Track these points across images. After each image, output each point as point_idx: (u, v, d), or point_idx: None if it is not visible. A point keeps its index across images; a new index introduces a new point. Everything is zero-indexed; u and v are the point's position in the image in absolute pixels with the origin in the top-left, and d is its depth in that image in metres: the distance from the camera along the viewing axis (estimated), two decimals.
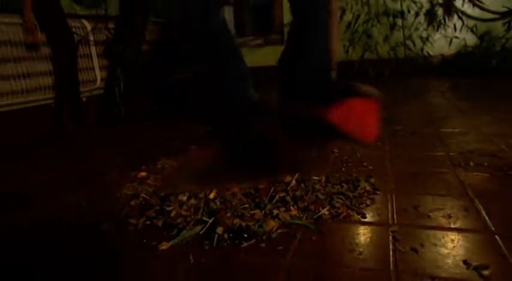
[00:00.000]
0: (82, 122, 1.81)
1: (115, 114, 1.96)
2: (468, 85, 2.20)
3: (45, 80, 1.72)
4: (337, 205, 0.68)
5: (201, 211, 0.68)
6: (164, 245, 0.61)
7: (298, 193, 0.72)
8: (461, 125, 1.26)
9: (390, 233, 0.60)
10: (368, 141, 0.74)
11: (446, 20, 2.87)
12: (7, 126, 1.56)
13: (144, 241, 0.63)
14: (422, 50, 2.92)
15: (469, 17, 2.82)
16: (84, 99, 1.93)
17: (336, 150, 1.07)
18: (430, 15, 2.90)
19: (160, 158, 1.10)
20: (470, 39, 2.82)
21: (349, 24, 2.95)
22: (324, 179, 0.80)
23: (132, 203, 0.78)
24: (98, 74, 2.04)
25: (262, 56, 3.05)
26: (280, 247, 0.58)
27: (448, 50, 2.90)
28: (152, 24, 2.22)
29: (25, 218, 0.77)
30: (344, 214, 0.66)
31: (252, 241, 0.60)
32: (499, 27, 2.74)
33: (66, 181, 1.02)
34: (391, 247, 0.56)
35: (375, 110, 0.73)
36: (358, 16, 2.84)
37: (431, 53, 2.93)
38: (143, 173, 0.97)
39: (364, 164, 0.93)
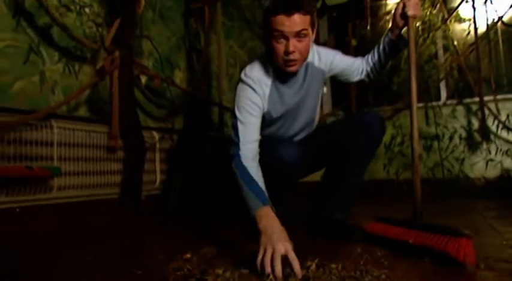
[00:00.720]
0: (141, 216, 2.04)
1: (171, 211, 2.20)
2: (509, 207, 2.21)
3: (115, 178, 2.03)
4: None
5: None
6: None
7: (316, 274, 0.84)
8: (485, 236, 1.32)
9: None
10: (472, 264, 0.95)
11: (484, 144, 3.02)
12: (77, 215, 1.82)
13: None
14: (462, 171, 3.01)
15: (510, 142, 2.95)
16: (143, 197, 2.20)
17: (359, 249, 1.17)
18: (468, 140, 3.07)
19: (204, 247, 1.27)
20: (509, 163, 2.89)
21: (389, 144, 3.18)
22: (340, 266, 0.91)
23: (178, 273, 0.93)
24: (158, 176, 2.35)
25: None
26: None
27: (489, 173, 2.96)
28: (208, 138, 2.59)
29: None
30: None
31: None
32: None
33: (124, 257, 1.20)
34: None
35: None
36: (393, 137, 3.08)
37: (471, 175, 3.00)
38: (188, 255, 1.13)
39: (382, 260, 1.02)
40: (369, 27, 3.40)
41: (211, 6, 2.61)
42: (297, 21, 1.24)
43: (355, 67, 1.56)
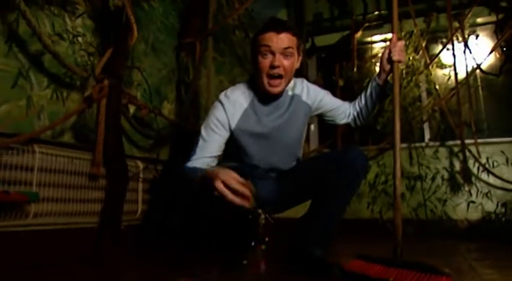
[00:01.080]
0: (119, 247, 1.98)
1: (150, 243, 2.14)
2: (491, 250, 2.22)
3: (96, 206, 1.99)
4: None
5: None
6: None
7: None
8: (465, 277, 1.31)
9: None
10: None
11: (466, 186, 3.06)
12: (54, 243, 1.76)
13: None
14: (445, 213, 3.03)
15: (491, 185, 3.01)
16: (123, 227, 2.15)
17: None
18: (450, 181, 3.12)
19: (179, 279, 1.23)
20: (491, 206, 2.93)
21: (373, 183, 3.21)
22: None
23: None
24: (140, 207, 2.31)
25: None
26: None
27: (471, 215, 2.99)
28: None
29: None
30: None
31: None
32: None
33: None
34: None
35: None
36: (377, 176, 3.11)
37: (454, 216, 3.02)
38: None
39: None
40: (355, 69, 3.53)
41: (202, 41, 2.69)
42: (285, 39, 1.33)
43: (342, 110, 1.61)
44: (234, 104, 1.44)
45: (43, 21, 1.81)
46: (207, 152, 1.42)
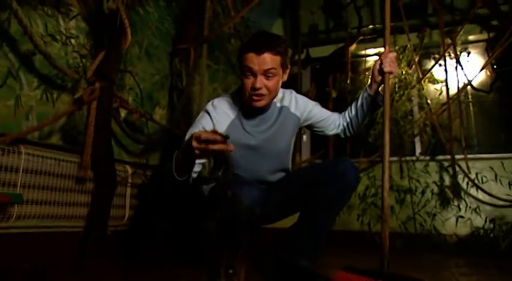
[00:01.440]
0: (104, 252, 1.94)
1: (136, 249, 2.11)
2: (479, 265, 2.22)
3: (82, 210, 1.95)
4: None
5: None
6: None
7: None
8: None
9: None
10: None
11: (455, 201, 3.07)
12: (36, 247, 1.73)
13: None
14: (434, 227, 3.03)
15: (480, 201, 3.02)
16: (109, 232, 2.11)
17: None
18: (439, 196, 3.13)
19: None
20: (480, 221, 2.94)
21: (364, 195, 3.21)
22: None
23: None
24: (127, 212, 2.27)
25: None
26: None
27: (460, 230, 2.99)
28: None
29: None
30: None
31: None
32: (510, 212, 2.89)
33: None
34: None
35: None
36: (367, 188, 3.12)
37: (443, 231, 3.02)
38: None
39: None
40: (349, 81, 3.56)
41: (197, 48, 2.69)
42: (266, 60, 1.30)
43: (332, 120, 1.59)
44: (220, 114, 1.42)
45: (35, 21, 1.80)
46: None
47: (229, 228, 1.28)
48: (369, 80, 1.53)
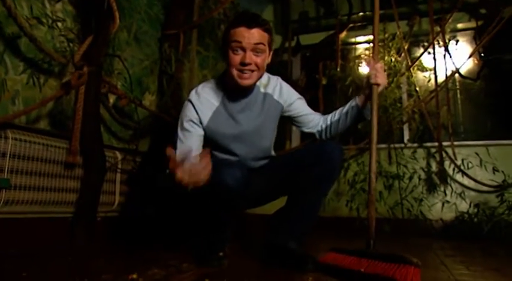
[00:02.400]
0: (94, 238, 1.94)
1: (126, 235, 2.12)
2: (463, 248, 2.28)
3: (71, 196, 1.95)
4: None
5: None
6: None
7: None
8: (435, 271, 1.35)
9: None
10: None
11: (442, 186, 3.14)
12: (24, 232, 1.72)
13: None
14: (421, 212, 3.09)
15: (465, 186, 3.09)
16: (99, 218, 2.11)
17: (311, 278, 1.16)
18: (426, 181, 3.19)
19: (153, 268, 1.22)
20: (464, 206, 3.01)
21: (353, 182, 3.25)
22: None
23: None
24: (117, 198, 2.27)
25: None
26: None
27: (445, 215, 3.06)
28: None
29: None
30: None
31: None
32: (494, 198, 2.97)
33: (63, 275, 1.13)
34: None
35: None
36: (356, 174, 3.16)
37: (430, 216, 3.09)
38: (134, 276, 1.08)
39: None
40: (338, 69, 3.56)
41: (186, 33, 2.67)
42: (256, 35, 1.31)
43: (311, 118, 1.58)
44: (204, 103, 1.43)
45: (20, 4, 1.76)
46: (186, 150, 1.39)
47: (214, 210, 1.30)
48: (360, 70, 1.53)
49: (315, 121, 1.58)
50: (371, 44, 3.59)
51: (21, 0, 1.77)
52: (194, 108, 1.42)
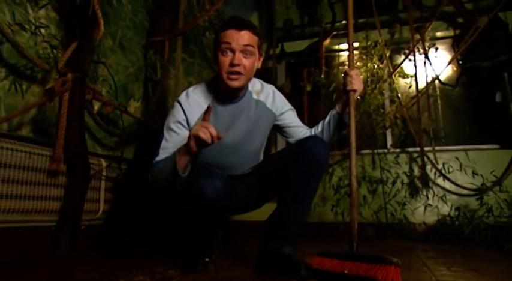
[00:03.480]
0: (77, 247, 1.91)
1: (110, 243, 2.09)
2: (445, 250, 2.33)
3: (54, 204, 1.92)
4: None
5: None
6: None
7: None
8: (417, 272, 1.38)
9: None
10: None
11: (424, 190, 3.21)
12: (6, 241, 1.68)
13: None
14: (404, 216, 3.15)
15: (446, 190, 3.16)
16: (83, 227, 2.08)
17: None
18: (409, 185, 3.25)
19: (137, 275, 1.21)
20: (446, 209, 3.08)
21: (338, 186, 3.28)
22: None
23: None
24: (102, 206, 2.25)
25: None
26: None
27: (428, 218, 3.12)
28: None
29: None
30: None
31: None
32: (474, 201, 3.05)
33: None
34: None
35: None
36: (340, 179, 3.20)
37: (413, 220, 3.15)
38: None
39: None
40: (323, 75, 3.62)
41: (171, 40, 2.68)
42: (245, 36, 1.33)
43: (300, 131, 1.59)
44: (193, 105, 1.43)
45: (2, 10, 1.74)
46: (171, 152, 1.38)
47: (198, 218, 1.30)
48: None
49: (302, 134, 1.59)
50: (354, 52, 3.67)
51: (4, 6, 1.75)
52: (182, 109, 1.42)
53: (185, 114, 1.42)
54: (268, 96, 1.54)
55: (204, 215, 1.34)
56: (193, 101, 1.44)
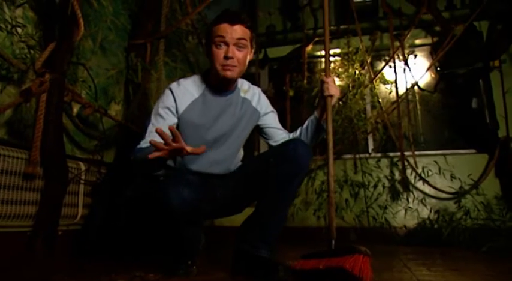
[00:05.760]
0: (54, 253, 1.85)
1: (88, 249, 2.03)
2: (425, 252, 2.36)
3: (29, 209, 1.85)
4: None
5: None
6: None
7: None
8: (399, 272, 1.39)
9: None
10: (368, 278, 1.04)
11: (404, 194, 3.26)
12: None
13: None
14: (385, 220, 3.19)
15: (426, 194, 3.22)
16: (60, 232, 2.02)
17: None
18: (390, 189, 3.30)
19: (117, 279, 1.18)
20: (426, 212, 3.13)
21: (320, 190, 3.30)
22: None
23: None
24: (80, 211, 2.18)
25: None
26: None
27: (408, 222, 3.17)
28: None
29: None
30: None
31: None
32: (452, 204, 3.12)
33: None
34: None
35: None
36: (323, 183, 3.22)
37: (394, 223, 3.19)
38: None
39: None
40: (305, 81, 3.66)
41: (153, 43, 2.65)
42: (238, 30, 1.36)
43: (280, 133, 1.61)
44: (183, 92, 1.45)
45: None
46: (156, 136, 1.36)
47: (175, 223, 1.29)
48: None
49: (281, 137, 1.61)
50: (335, 58, 3.73)
51: None
52: (173, 95, 1.43)
53: (175, 101, 1.43)
54: (254, 96, 1.58)
55: (179, 221, 1.33)
56: (184, 90, 1.46)
